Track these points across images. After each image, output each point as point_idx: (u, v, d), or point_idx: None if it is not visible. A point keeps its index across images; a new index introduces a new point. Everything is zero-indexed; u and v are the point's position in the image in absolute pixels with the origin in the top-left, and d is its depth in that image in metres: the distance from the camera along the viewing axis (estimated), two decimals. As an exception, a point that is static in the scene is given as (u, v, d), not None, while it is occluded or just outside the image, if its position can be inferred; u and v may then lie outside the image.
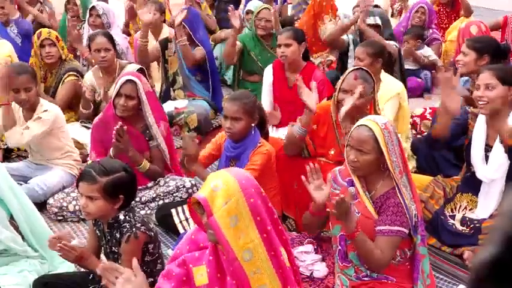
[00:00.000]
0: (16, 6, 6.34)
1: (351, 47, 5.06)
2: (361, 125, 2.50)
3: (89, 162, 3.72)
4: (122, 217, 2.47)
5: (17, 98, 3.73)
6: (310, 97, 3.10)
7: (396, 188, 2.47)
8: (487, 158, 3.16)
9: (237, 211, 1.95)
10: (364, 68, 3.36)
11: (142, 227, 2.45)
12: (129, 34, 6.17)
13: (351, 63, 5.02)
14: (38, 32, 4.85)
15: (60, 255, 2.48)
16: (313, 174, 2.53)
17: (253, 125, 3.15)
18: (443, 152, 3.77)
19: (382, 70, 4.17)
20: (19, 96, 3.70)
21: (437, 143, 3.34)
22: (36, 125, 3.72)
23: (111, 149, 3.50)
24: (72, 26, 5.31)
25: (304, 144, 3.32)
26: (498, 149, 3.11)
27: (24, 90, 3.69)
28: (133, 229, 2.42)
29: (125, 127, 3.41)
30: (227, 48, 5.27)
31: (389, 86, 4.09)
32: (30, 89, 3.70)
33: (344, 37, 5.10)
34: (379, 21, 4.93)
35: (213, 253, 2.12)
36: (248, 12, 6.13)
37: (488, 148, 3.17)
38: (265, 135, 3.34)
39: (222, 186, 1.96)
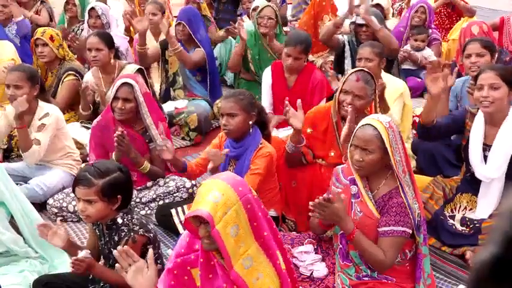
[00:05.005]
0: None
1: (347, 47, 5.04)
2: (365, 124, 2.50)
3: (83, 165, 3.73)
4: (120, 220, 2.47)
5: (6, 94, 3.74)
6: (295, 117, 3.09)
7: (400, 188, 2.47)
8: (485, 157, 3.17)
9: (237, 220, 1.96)
10: (365, 69, 3.35)
11: (141, 229, 2.45)
12: (131, 37, 6.15)
13: (348, 64, 5.01)
14: (35, 31, 4.87)
15: (73, 271, 2.45)
16: (317, 208, 2.44)
17: (251, 122, 3.15)
18: (443, 152, 3.77)
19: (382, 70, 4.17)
20: (8, 91, 3.72)
21: (427, 131, 3.28)
22: (43, 136, 3.73)
23: (114, 153, 3.51)
24: (72, 37, 5.24)
25: (302, 154, 3.33)
26: (498, 148, 3.11)
27: (14, 87, 3.70)
28: (132, 233, 2.42)
29: (125, 131, 3.42)
30: (234, 57, 5.26)
31: (392, 85, 4.08)
32: (21, 87, 3.69)
33: (339, 37, 5.08)
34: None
35: (204, 255, 2.12)
36: (255, 9, 6.08)
37: (486, 147, 3.17)
38: (267, 136, 3.34)
39: (221, 197, 1.95)
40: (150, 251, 2.00)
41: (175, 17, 5.90)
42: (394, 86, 4.08)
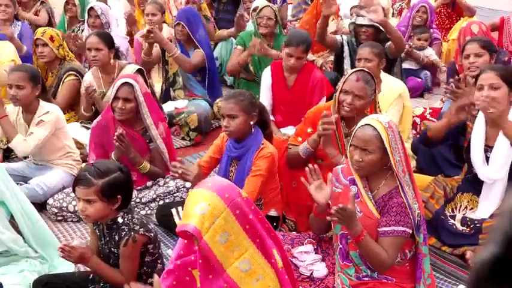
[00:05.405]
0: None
1: (346, 47, 5.03)
2: (365, 124, 2.50)
3: (83, 165, 3.73)
4: (120, 220, 2.47)
5: (8, 94, 3.75)
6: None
7: (400, 187, 2.46)
8: (487, 158, 3.16)
9: (226, 227, 1.96)
10: (365, 69, 3.34)
11: (141, 229, 2.45)
12: (131, 36, 6.14)
13: (347, 64, 5.00)
14: (35, 32, 4.86)
15: (62, 257, 2.47)
16: (312, 175, 2.53)
17: (252, 122, 3.15)
18: (444, 152, 3.76)
19: (381, 70, 4.16)
20: (10, 91, 3.72)
21: (430, 142, 3.36)
22: (39, 130, 3.72)
23: (113, 153, 3.51)
24: (74, 36, 5.22)
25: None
26: (499, 149, 3.10)
27: (16, 87, 3.69)
28: (132, 233, 2.43)
29: (124, 131, 3.43)
30: (236, 65, 5.27)
31: (391, 86, 4.07)
32: (23, 87, 3.69)
33: (338, 37, 5.07)
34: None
35: (202, 257, 2.12)
36: (254, 9, 6.07)
37: (487, 149, 3.17)
38: (268, 136, 3.34)
39: (208, 208, 1.95)
40: (156, 277, 2.09)
41: (174, 16, 5.89)
42: (392, 87, 4.07)
